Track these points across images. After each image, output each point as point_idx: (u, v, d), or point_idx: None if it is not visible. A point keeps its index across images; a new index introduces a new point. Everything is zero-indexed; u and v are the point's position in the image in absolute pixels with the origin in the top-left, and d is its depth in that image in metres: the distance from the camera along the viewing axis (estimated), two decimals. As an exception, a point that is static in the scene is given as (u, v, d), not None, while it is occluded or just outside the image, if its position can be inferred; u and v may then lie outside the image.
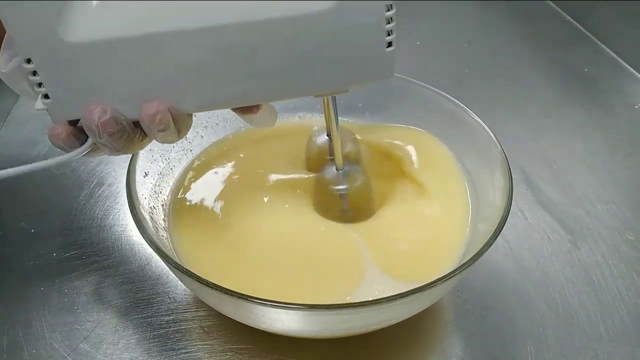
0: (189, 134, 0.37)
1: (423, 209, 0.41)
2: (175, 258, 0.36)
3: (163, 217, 0.40)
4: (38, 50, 0.27)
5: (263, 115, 0.33)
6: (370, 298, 0.30)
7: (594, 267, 0.44)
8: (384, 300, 0.29)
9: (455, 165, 0.44)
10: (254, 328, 0.36)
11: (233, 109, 0.33)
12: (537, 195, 0.51)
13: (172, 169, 0.44)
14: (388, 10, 0.29)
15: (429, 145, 0.46)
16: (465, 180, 0.43)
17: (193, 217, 0.41)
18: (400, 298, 0.29)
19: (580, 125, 0.60)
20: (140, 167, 0.39)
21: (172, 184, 0.43)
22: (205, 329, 0.39)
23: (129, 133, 0.30)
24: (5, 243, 0.46)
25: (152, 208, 0.39)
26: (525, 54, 0.74)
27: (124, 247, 0.45)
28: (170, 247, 0.38)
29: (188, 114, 0.32)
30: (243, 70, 0.30)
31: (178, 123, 0.31)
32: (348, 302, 0.35)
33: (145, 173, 0.40)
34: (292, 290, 0.36)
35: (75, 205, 0.49)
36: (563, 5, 0.83)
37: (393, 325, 0.35)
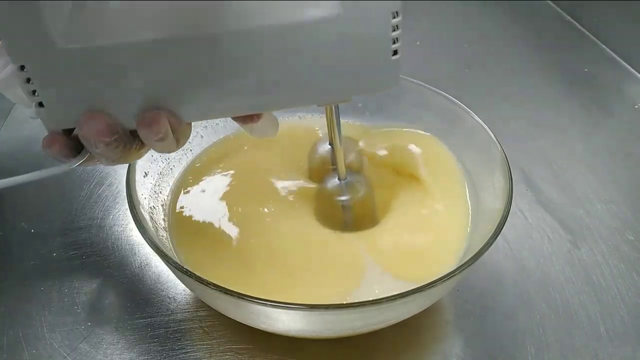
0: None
1: (424, 210, 0.41)
2: (175, 258, 0.36)
3: (163, 217, 0.40)
4: (31, 57, 0.26)
5: (264, 125, 0.32)
6: (370, 298, 0.30)
7: (594, 267, 0.44)
8: (384, 300, 0.29)
9: (456, 166, 0.44)
10: (254, 328, 0.36)
11: (233, 118, 0.32)
12: (537, 195, 0.51)
13: (172, 169, 0.44)
14: (394, 18, 0.28)
15: (430, 146, 0.46)
16: (465, 180, 0.43)
17: (193, 217, 0.41)
18: (400, 298, 0.29)
19: (580, 125, 0.60)
20: (140, 167, 0.39)
21: (172, 184, 0.43)
22: (205, 329, 0.39)
23: (126, 143, 0.29)
24: (5, 243, 0.46)
25: (152, 208, 0.39)
26: (525, 54, 0.74)
27: (124, 247, 0.45)
28: (170, 247, 0.38)
29: (187, 123, 0.30)
30: (244, 79, 0.28)
31: (177, 132, 0.29)
32: (348, 302, 0.35)
33: (145, 173, 0.40)
34: (292, 290, 0.36)
35: (75, 205, 0.49)
36: (563, 5, 0.83)
37: (393, 325, 0.35)
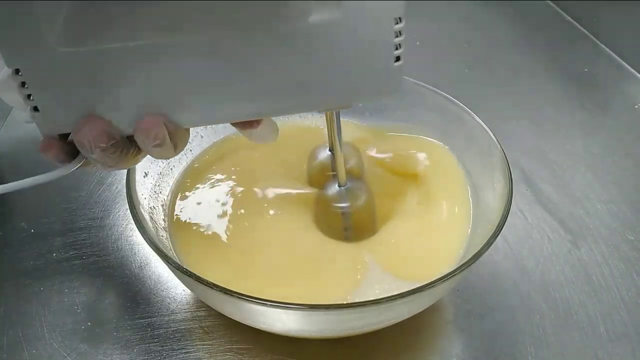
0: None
1: (424, 210, 0.41)
2: (175, 258, 0.36)
3: (163, 217, 0.40)
4: (26, 61, 0.25)
5: (263, 131, 0.32)
6: (371, 298, 0.30)
7: (594, 267, 0.44)
8: (384, 300, 0.29)
9: (457, 166, 0.44)
10: (254, 328, 0.36)
11: (232, 123, 0.32)
12: (537, 195, 0.51)
13: (172, 169, 0.44)
14: (397, 24, 0.27)
15: (430, 147, 0.46)
16: (466, 180, 0.43)
17: (193, 217, 0.41)
18: (400, 298, 0.29)
19: (580, 125, 0.60)
20: (140, 167, 0.39)
21: (172, 184, 0.43)
22: (205, 329, 0.39)
23: (122, 148, 0.28)
24: (5, 243, 0.46)
25: (152, 208, 0.39)
26: (525, 54, 0.74)
27: (124, 247, 0.45)
28: (170, 247, 0.38)
29: (185, 128, 0.30)
30: (244, 84, 0.28)
31: (175, 138, 0.29)
32: (348, 302, 0.35)
33: (145, 173, 0.40)
34: (292, 290, 0.35)
35: (75, 205, 0.49)
36: (563, 5, 0.83)
37: (393, 325, 0.35)
